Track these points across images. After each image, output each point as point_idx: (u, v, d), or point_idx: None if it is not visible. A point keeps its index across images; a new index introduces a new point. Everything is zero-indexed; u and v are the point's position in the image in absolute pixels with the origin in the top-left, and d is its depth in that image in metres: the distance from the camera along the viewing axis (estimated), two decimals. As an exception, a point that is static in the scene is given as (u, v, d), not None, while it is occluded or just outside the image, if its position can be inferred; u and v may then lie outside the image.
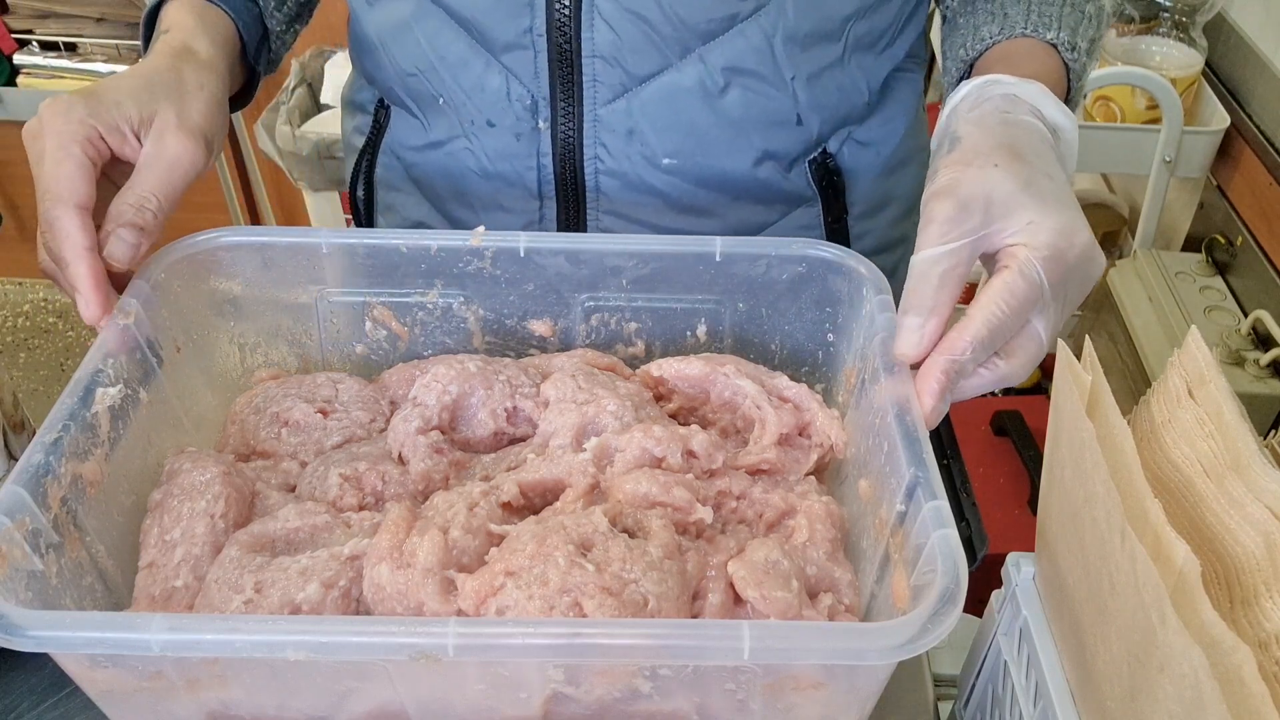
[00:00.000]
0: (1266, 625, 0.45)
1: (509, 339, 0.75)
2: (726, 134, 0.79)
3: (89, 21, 2.06)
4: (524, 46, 0.76)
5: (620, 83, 0.76)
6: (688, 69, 0.76)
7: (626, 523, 0.56)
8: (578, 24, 0.74)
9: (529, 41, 0.76)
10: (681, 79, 0.76)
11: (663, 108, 0.77)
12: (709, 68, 0.76)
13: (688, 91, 0.76)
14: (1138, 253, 1.49)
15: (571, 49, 0.75)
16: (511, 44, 0.76)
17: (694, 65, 0.76)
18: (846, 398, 0.69)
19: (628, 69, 0.76)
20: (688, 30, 0.74)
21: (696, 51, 0.75)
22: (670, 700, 0.52)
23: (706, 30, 0.74)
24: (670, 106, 0.77)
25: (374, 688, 0.52)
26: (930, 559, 0.49)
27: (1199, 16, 1.50)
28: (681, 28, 0.74)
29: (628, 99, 0.77)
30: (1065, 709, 0.55)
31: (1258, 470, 0.48)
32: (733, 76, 0.76)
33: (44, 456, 0.54)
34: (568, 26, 0.74)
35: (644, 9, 0.73)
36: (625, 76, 0.76)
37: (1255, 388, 1.24)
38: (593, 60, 0.76)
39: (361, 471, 0.63)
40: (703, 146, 0.79)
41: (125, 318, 0.62)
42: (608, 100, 0.77)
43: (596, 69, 0.76)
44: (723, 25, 0.74)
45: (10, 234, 2.47)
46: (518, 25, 0.75)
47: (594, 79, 0.76)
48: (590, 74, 0.76)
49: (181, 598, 0.56)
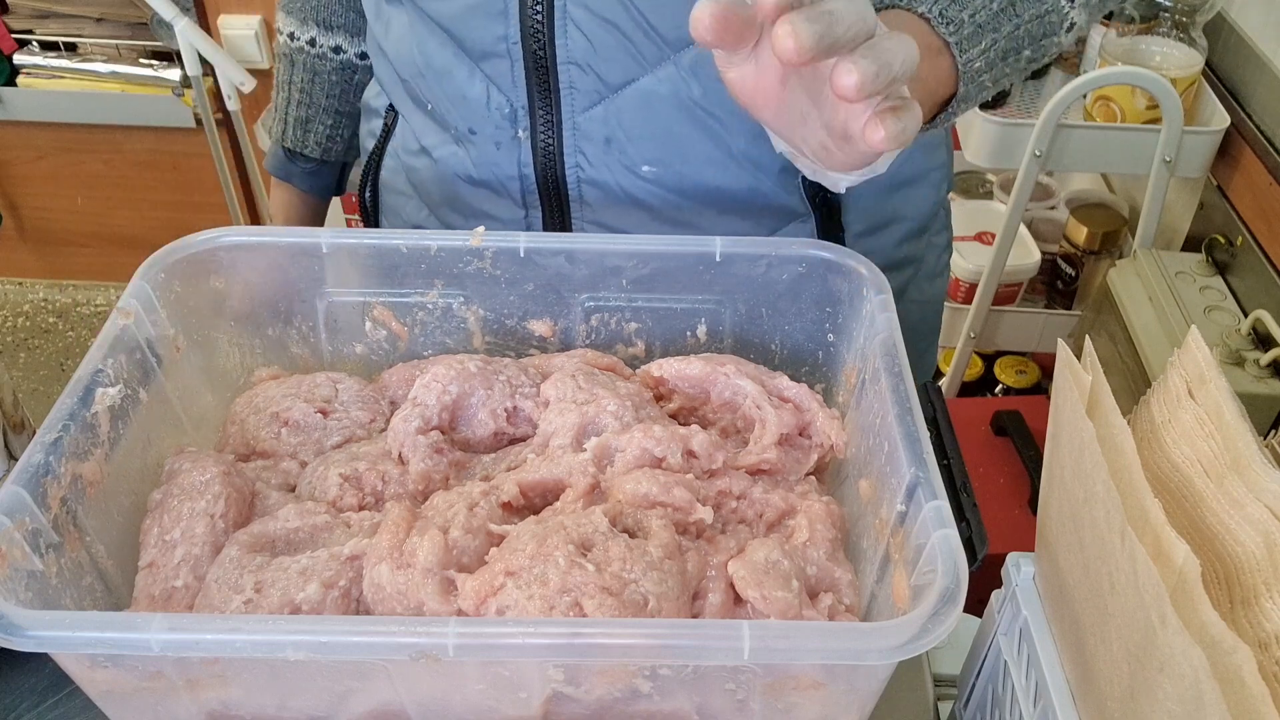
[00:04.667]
0: (1266, 625, 0.45)
1: (509, 339, 0.75)
2: (707, 142, 0.78)
3: (89, 21, 2.06)
4: (501, 55, 0.76)
5: (596, 90, 0.76)
6: (664, 76, 0.75)
7: (626, 523, 0.56)
8: (551, 31, 0.74)
9: (505, 49, 0.76)
10: (657, 86, 0.75)
11: (640, 115, 0.77)
12: (684, 75, 0.75)
13: (664, 99, 0.76)
14: (1138, 253, 1.49)
15: (546, 56, 0.75)
16: (489, 52, 0.76)
17: (669, 72, 0.75)
18: (846, 398, 0.69)
19: (603, 76, 0.75)
20: (660, 37, 0.74)
21: (671, 59, 0.75)
22: (670, 700, 0.52)
23: (678, 38, 0.74)
24: (647, 114, 0.77)
25: (374, 688, 0.52)
26: (930, 559, 0.49)
27: (1199, 16, 1.50)
28: (654, 35, 0.74)
29: (605, 106, 0.77)
30: (1065, 709, 0.55)
31: (1258, 470, 0.48)
32: (710, 84, 0.75)
33: (44, 456, 0.54)
34: (542, 34, 0.74)
35: (615, 16, 0.73)
36: (601, 84, 0.76)
37: (1255, 388, 1.24)
38: (568, 67, 0.75)
39: (361, 471, 0.63)
40: (682, 155, 0.78)
41: (125, 318, 0.62)
42: (585, 107, 0.77)
43: (572, 76, 0.76)
44: None
45: (10, 234, 2.47)
46: (494, 33, 0.75)
47: (570, 86, 0.76)
48: (567, 81, 0.76)
49: (181, 598, 0.56)
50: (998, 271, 1.60)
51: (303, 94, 0.96)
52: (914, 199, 0.88)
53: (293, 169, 1.00)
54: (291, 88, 0.97)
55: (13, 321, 2.53)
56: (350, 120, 0.98)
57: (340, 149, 1.00)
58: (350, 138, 1.00)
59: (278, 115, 0.99)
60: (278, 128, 0.99)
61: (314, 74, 0.95)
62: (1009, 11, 0.67)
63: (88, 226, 2.43)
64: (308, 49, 0.95)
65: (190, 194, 2.30)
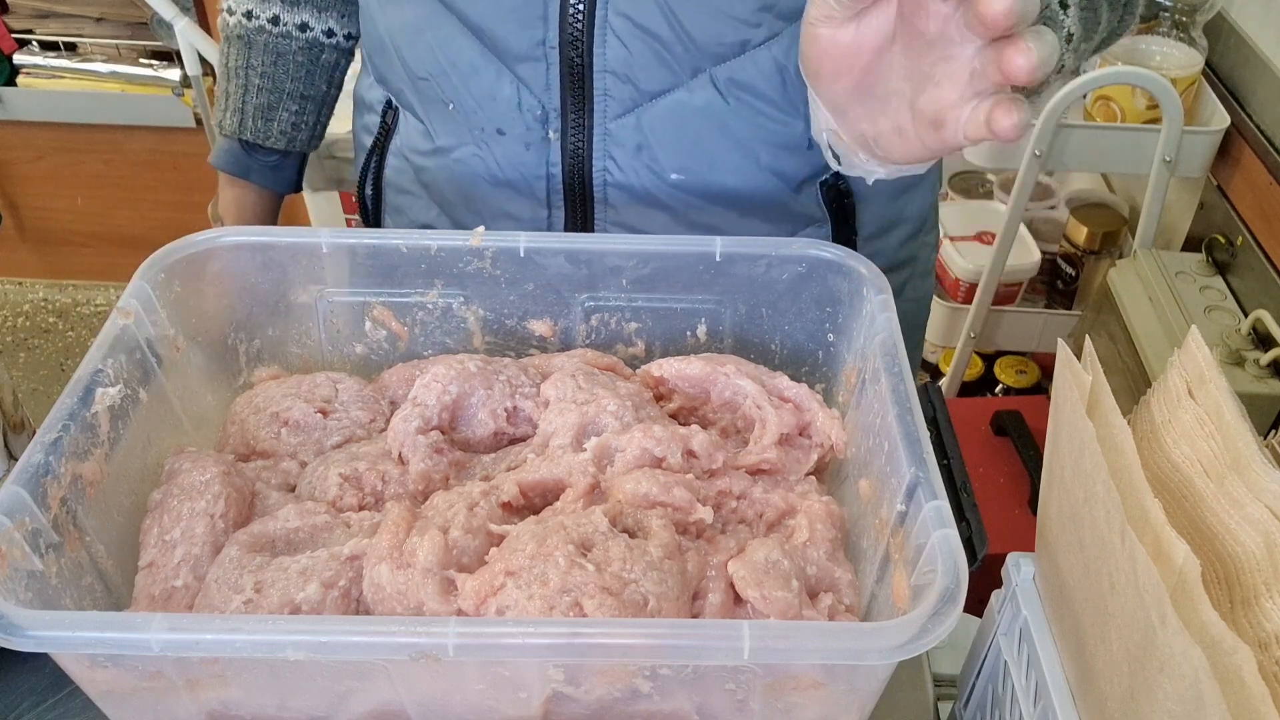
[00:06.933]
0: (1266, 625, 0.45)
1: (509, 339, 0.75)
2: (735, 154, 0.79)
3: (89, 21, 2.06)
4: (536, 58, 0.76)
5: (631, 98, 0.76)
6: (698, 88, 0.76)
7: (626, 523, 0.56)
8: (590, 39, 0.74)
9: (541, 54, 0.76)
10: (692, 98, 0.76)
11: (672, 125, 0.77)
12: (720, 89, 0.76)
13: (698, 110, 0.76)
14: (1138, 253, 1.48)
15: (583, 63, 0.75)
16: (524, 55, 0.76)
17: (704, 85, 0.76)
18: (847, 398, 0.69)
19: (638, 85, 0.76)
20: (699, 51, 0.74)
21: (708, 72, 0.75)
22: (670, 700, 0.52)
23: (718, 53, 0.74)
24: (679, 124, 0.77)
25: (374, 688, 0.52)
26: (930, 559, 0.49)
27: (1199, 16, 1.50)
28: (693, 48, 0.74)
29: (638, 114, 0.77)
30: (1065, 709, 0.55)
31: (1258, 470, 0.48)
32: (743, 98, 0.76)
33: (44, 456, 0.54)
34: (580, 41, 0.74)
35: (656, 27, 0.73)
36: (636, 92, 0.76)
37: (1255, 388, 1.23)
38: (604, 75, 0.76)
39: (361, 471, 0.63)
40: (710, 164, 0.79)
41: (125, 318, 0.62)
42: (618, 115, 0.77)
43: (608, 84, 0.76)
44: (734, 50, 0.74)
45: (10, 234, 2.47)
46: (531, 37, 0.75)
47: (605, 93, 0.76)
48: (601, 88, 0.76)
49: (181, 598, 0.56)
50: (998, 271, 1.60)
51: (264, 79, 0.89)
52: (915, 201, 0.89)
53: (251, 164, 0.93)
54: (250, 73, 0.89)
55: (13, 321, 2.53)
56: (315, 105, 0.93)
57: (305, 138, 0.94)
58: (315, 125, 0.94)
59: (230, 106, 0.91)
60: (232, 120, 0.91)
61: (277, 55, 0.89)
62: None
63: (88, 226, 2.43)
64: (269, 28, 0.89)
65: (190, 194, 2.30)
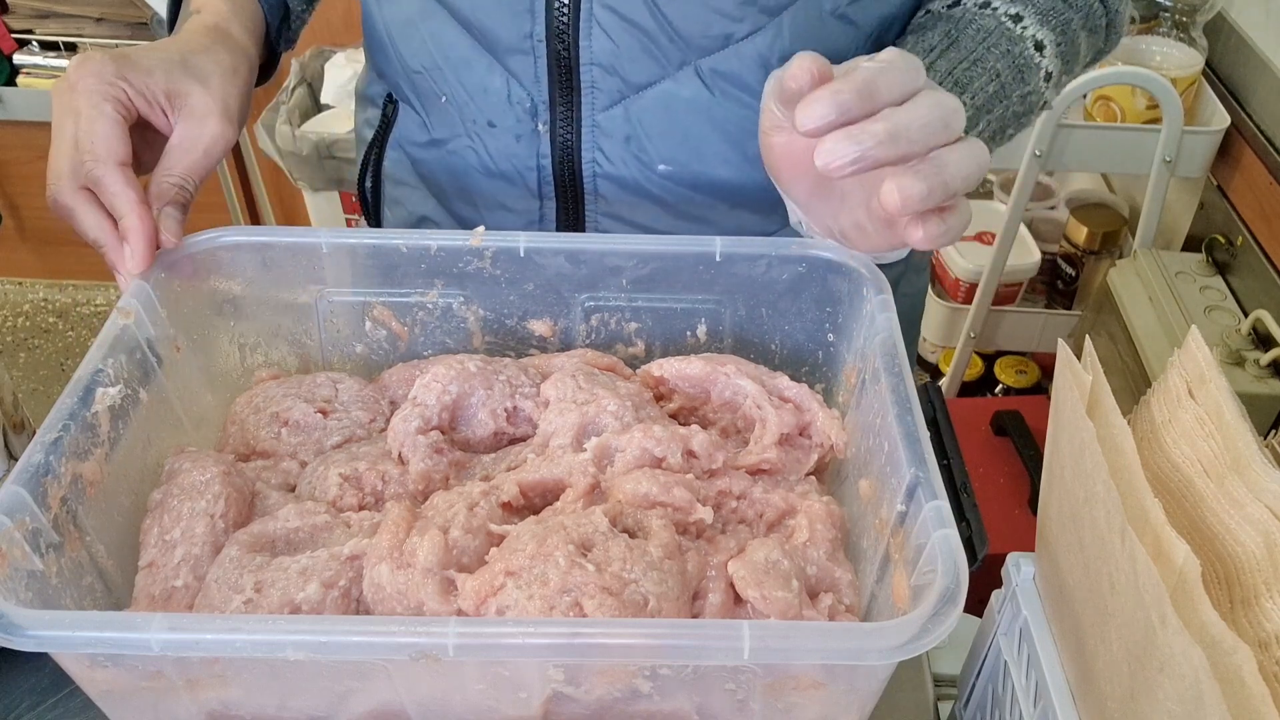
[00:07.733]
0: (1266, 625, 0.45)
1: (509, 339, 0.75)
2: (722, 145, 0.79)
3: (89, 21, 2.06)
4: (525, 51, 0.77)
5: (618, 90, 0.77)
6: (684, 81, 0.76)
7: (626, 523, 0.56)
8: (576, 31, 0.75)
9: (529, 47, 0.76)
10: (678, 90, 0.76)
11: (659, 117, 0.78)
12: (705, 81, 0.76)
13: (685, 102, 0.77)
14: (1138, 253, 1.49)
15: (570, 55, 0.76)
16: (513, 48, 0.77)
17: (690, 78, 0.76)
18: (847, 398, 0.69)
19: (625, 77, 0.76)
20: (684, 43, 0.75)
21: (693, 64, 0.76)
22: (670, 700, 0.52)
23: (702, 45, 0.75)
24: (667, 116, 0.78)
25: (374, 688, 0.52)
26: (930, 559, 0.49)
27: (1199, 16, 1.51)
28: (678, 40, 0.74)
29: (625, 106, 0.78)
30: (1065, 709, 0.55)
31: (1258, 470, 0.48)
32: (729, 91, 0.76)
33: (44, 456, 0.54)
34: (566, 34, 0.75)
35: (641, 20, 0.74)
36: (623, 85, 0.77)
37: (1255, 388, 1.24)
38: (591, 68, 0.76)
39: (361, 471, 0.63)
40: (699, 155, 0.80)
41: (125, 318, 0.62)
42: (605, 107, 0.78)
43: (594, 76, 0.76)
44: (718, 43, 0.75)
45: (10, 234, 2.47)
46: (519, 30, 0.76)
47: (592, 85, 0.77)
48: (588, 81, 0.77)
49: (181, 598, 0.56)
50: (998, 271, 1.60)
51: None
52: None
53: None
54: None
55: (13, 321, 2.53)
56: None
57: None
58: None
59: None
60: None
61: None
62: (1000, 94, 0.72)
63: (88, 226, 2.43)
64: None
65: (190, 194, 2.30)
